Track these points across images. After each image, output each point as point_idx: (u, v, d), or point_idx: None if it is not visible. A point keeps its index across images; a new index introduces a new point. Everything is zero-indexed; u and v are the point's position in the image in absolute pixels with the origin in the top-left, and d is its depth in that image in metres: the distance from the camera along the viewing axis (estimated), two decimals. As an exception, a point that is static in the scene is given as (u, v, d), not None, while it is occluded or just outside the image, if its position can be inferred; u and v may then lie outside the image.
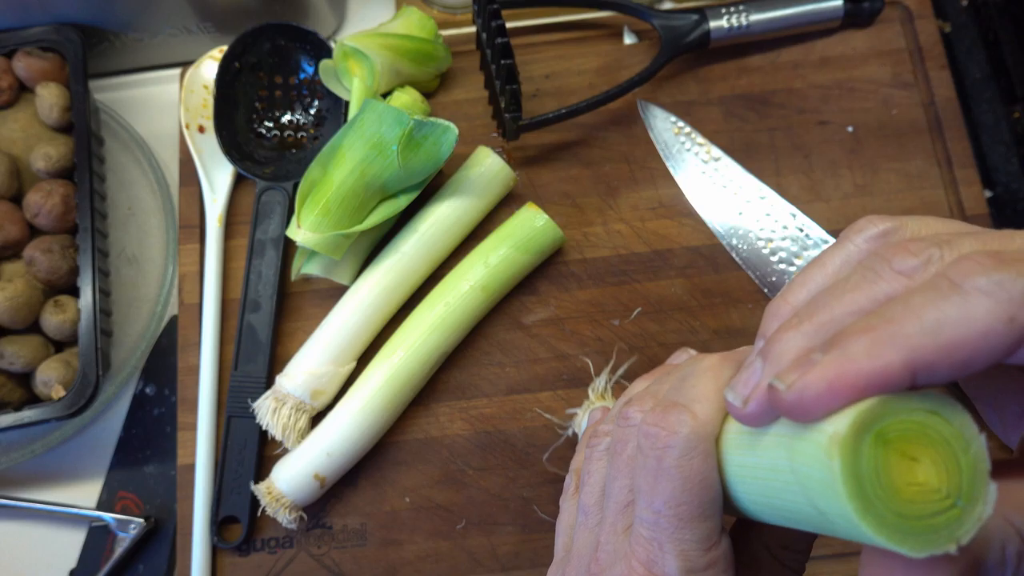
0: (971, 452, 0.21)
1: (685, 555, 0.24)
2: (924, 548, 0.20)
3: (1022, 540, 0.21)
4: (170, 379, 0.58)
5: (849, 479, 0.20)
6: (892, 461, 0.21)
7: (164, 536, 0.55)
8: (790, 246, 0.56)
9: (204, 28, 0.62)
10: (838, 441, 0.20)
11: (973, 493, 0.21)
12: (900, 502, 0.20)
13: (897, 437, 0.21)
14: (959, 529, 0.20)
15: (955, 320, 0.19)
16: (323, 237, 0.51)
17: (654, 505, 0.25)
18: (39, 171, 0.57)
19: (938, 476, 0.21)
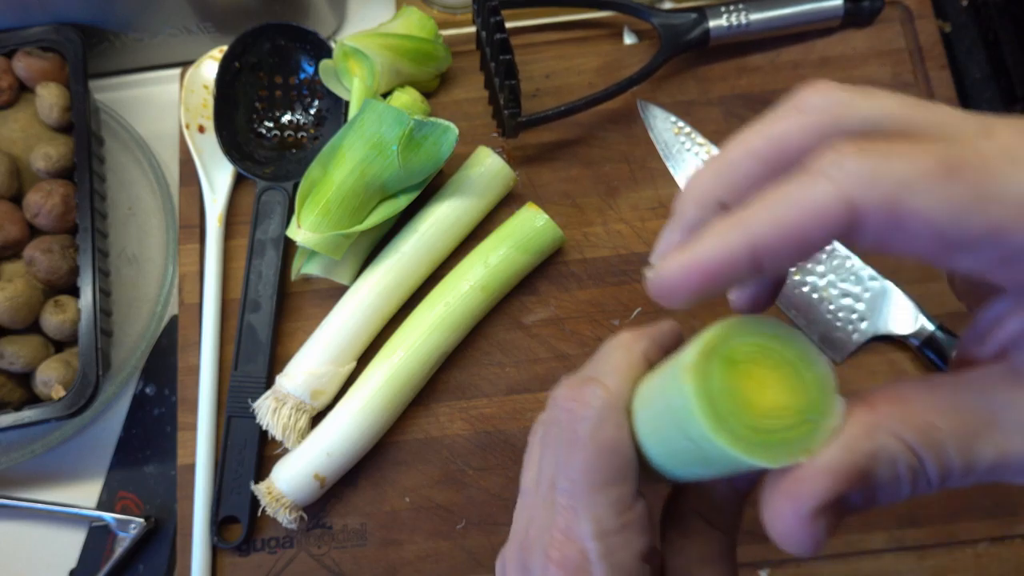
0: (815, 371, 0.23)
1: (598, 519, 0.25)
2: (779, 459, 0.22)
3: (914, 455, 0.21)
4: (170, 379, 0.58)
5: (701, 399, 0.22)
6: (742, 382, 0.22)
7: (164, 536, 0.55)
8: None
9: (204, 28, 0.63)
10: (689, 367, 0.22)
11: (822, 408, 0.22)
12: (753, 418, 0.22)
13: (745, 359, 0.23)
14: (812, 441, 0.22)
15: (794, 202, 0.20)
16: (323, 237, 0.51)
17: (570, 474, 0.26)
18: (39, 171, 0.57)
19: (786, 394, 0.22)
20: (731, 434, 0.22)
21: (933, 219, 0.19)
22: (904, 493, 0.22)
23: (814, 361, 0.23)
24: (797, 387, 0.22)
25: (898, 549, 0.50)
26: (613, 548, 0.25)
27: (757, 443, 0.22)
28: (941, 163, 0.19)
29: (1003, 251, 0.19)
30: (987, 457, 0.21)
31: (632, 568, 0.26)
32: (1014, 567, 0.50)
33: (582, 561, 0.26)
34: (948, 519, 0.50)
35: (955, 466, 0.21)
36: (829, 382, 0.22)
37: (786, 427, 0.22)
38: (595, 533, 0.25)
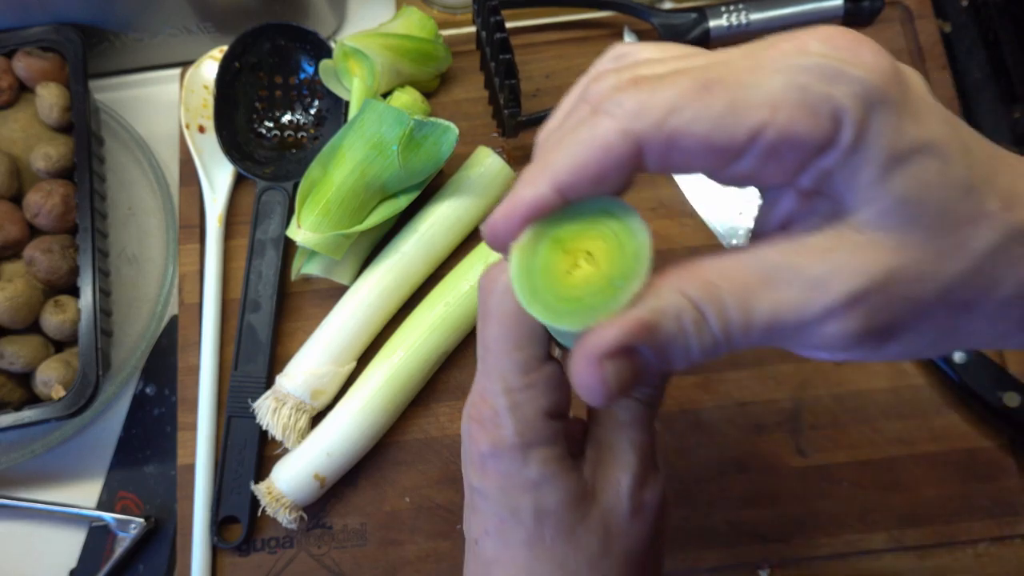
0: (636, 241, 0.24)
1: (505, 378, 0.28)
2: (581, 322, 0.23)
3: (695, 309, 0.23)
4: (170, 379, 0.58)
5: (521, 274, 0.24)
6: (562, 258, 0.24)
7: (164, 536, 0.55)
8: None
9: (204, 28, 0.62)
10: (516, 248, 0.25)
11: (630, 275, 0.24)
12: (566, 289, 0.24)
13: (570, 236, 0.24)
14: (614, 304, 0.23)
15: (585, 141, 0.23)
16: (323, 237, 0.51)
17: (484, 342, 0.28)
18: (39, 171, 0.57)
19: (603, 264, 0.24)
20: (542, 305, 0.24)
21: (699, 132, 0.21)
22: (693, 349, 0.23)
23: (636, 232, 0.24)
24: (616, 257, 0.24)
25: (898, 549, 0.50)
26: (518, 403, 0.28)
27: (565, 311, 0.24)
28: (698, 82, 0.22)
29: (765, 148, 0.21)
30: (763, 310, 0.23)
31: (536, 423, 0.28)
32: (1014, 567, 0.50)
33: (493, 415, 0.28)
34: (948, 519, 0.50)
35: (735, 320, 0.23)
36: (645, 252, 0.24)
37: (593, 293, 0.24)
38: (503, 390, 0.28)
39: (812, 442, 0.52)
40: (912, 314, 0.23)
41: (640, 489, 0.30)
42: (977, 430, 0.52)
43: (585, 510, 0.29)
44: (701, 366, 0.54)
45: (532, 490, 0.29)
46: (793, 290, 0.22)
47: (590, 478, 0.30)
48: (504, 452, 0.28)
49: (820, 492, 0.51)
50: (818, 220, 0.23)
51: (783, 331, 0.23)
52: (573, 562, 0.29)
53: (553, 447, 0.29)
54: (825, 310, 0.22)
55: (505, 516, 0.29)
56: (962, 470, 0.51)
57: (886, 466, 0.51)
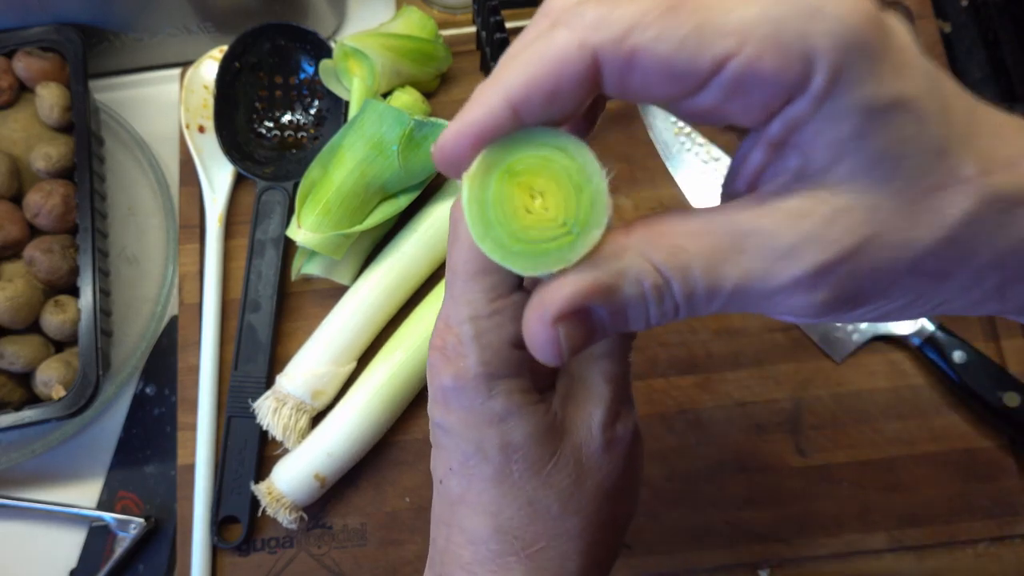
0: (592, 185, 0.23)
1: (471, 304, 0.26)
2: (534, 267, 0.23)
3: (658, 274, 0.22)
4: (170, 379, 0.58)
5: (472, 208, 0.23)
6: (516, 193, 0.23)
7: (164, 536, 0.55)
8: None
9: (204, 28, 0.62)
10: (468, 177, 0.23)
11: (588, 222, 0.23)
12: (520, 228, 0.23)
13: (524, 170, 0.23)
14: (570, 252, 0.22)
15: (539, 54, 0.21)
16: (323, 237, 0.51)
17: (453, 267, 0.27)
18: (39, 171, 0.57)
19: (557, 207, 0.23)
20: (494, 242, 0.23)
21: (660, 53, 0.20)
22: (652, 314, 0.23)
23: (592, 175, 0.23)
24: (570, 200, 0.23)
25: (898, 549, 0.50)
26: (484, 330, 0.26)
27: (517, 252, 0.23)
28: (664, 1, 0.20)
29: (728, 81, 0.20)
30: (730, 278, 0.22)
31: (502, 351, 0.27)
32: (1014, 567, 0.50)
33: (457, 344, 0.27)
34: (948, 519, 0.50)
35: (699, 287, 0.22)
36: (602, 198, 0.23)
37: (549, 238, 0.23)
38: (468, 317, 0.26)
39: (812, 442, 0.52)
40: (882, 283, 0.22)
41: (612, 423, 0.29)
42: (977, 430, 0.52)
43: (555, 445, 0.28)
44: (701, 366, 0.54)
45: (498, 424, 0.27)
46: (762, 258, 0.21)
47: (560, 412, 0.29)
48: (467, 384, 0.27)
49: (820, 492, 0.51)
50: (788, 178, 0.22)
51: (748, 299, 0.22)
52: (543, 498, 0.28)
53: (519, 379, 0.27)
54: (793, 280, 0.21)
55: (470, 452, 0.28)
56: (962, 470, 0.51)
57: (886, 466, 0.51)
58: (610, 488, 0.29)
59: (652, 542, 0.51)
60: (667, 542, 0.51)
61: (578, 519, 0.29)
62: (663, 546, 0.51)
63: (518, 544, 0.28)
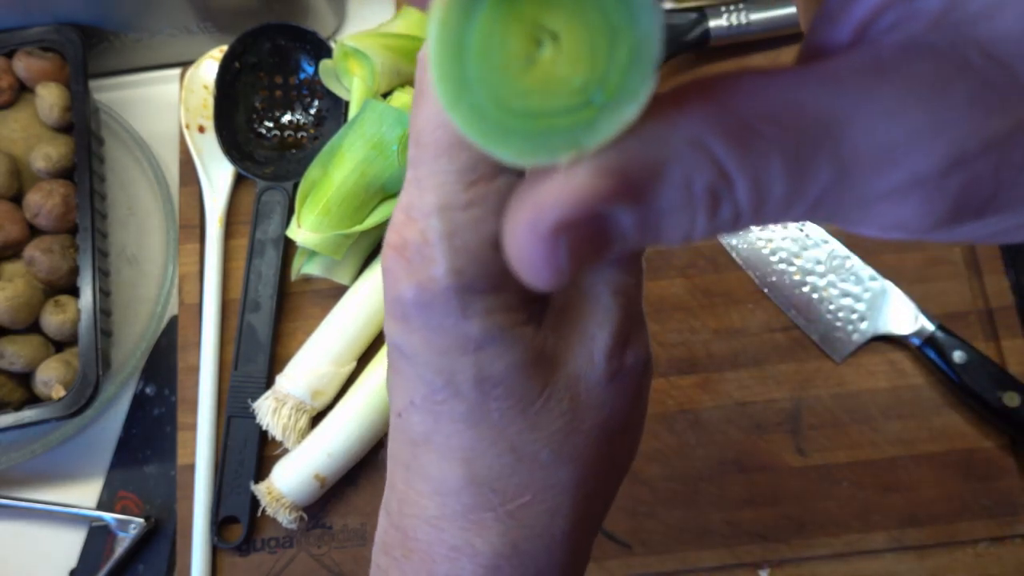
0: (636, 31, 0.14)
1: (442, 189, 0.20)
2: (530, 154, 0.15)
3: (719, 170, 0.15)
4: (170, 379, 0.58)
5: (443, 52, 0.14)
6: (515, 32, 0.14)
7: (164, 536, 0.55)
8: (790, 246, 0.56)
9: (204, 28, 0.62)
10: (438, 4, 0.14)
11: (622, 88, 0.15)
12: (513, 91, 0.15)
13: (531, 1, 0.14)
14: (588, 134, 0.15)
15: None
16: (323, 237, 0.51)
17: (417, 135, 0.20)
18: (39, 171, 0.57)
19: (576, 60, 0.15)
20: (471, 111, 0.15)
21: None
22: (699, 226, 0.16)
23: (638, 15, 0.14)
24: (599, 50, 0.14)
25: (898, 549, 0.50)
26: (457, 227, 0.20)
27: (507, 129, 0.15)
28: None
29: None
30: (823, 179, 0.15)
31: (481, 254, 0.20)
32: (1014, 567, 0.50)
33: (421, 243, 0.20)
34: (948, 519, 0.50)
35: (777, 189, 0.15)
36: (649, 53, 0.14)
37: (558, 110, 0.15)
38: (437, 206, 0.20)
39: (812, 442, 0.52)
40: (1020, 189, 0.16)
41: (621, 349, 0.22)
42: (977, 430, 0.52)
43: (546, 377, 0.22)
44: (701, 366, 0.54)
45: (473, 352, 0.21)
46: (873, 150, 0.15)
47: (553, 334, 0.22)
48: (435, 298, 0.20)
49: (820, 492, 0.51)
50: (924, 26, 0.15)
51: (841, 206, 0.16)
52: (530, 444, 0.22)
53: (502, 293, 0.21)
54: (914, 180, 0.15)
55: (438, 385, 0.21)
56: (962, 470, 0.51)
57: (886, 466, 0.51)
58: (614, 429, 0.23)
59: (652, 542, 0.51)
60: (667, 542, 0.51)
61: (573, 468, 0.23)
62: (663, 546, 0.51)
63: (497, 499, 0.23)
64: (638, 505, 0.52)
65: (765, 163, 0.15)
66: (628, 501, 0.52)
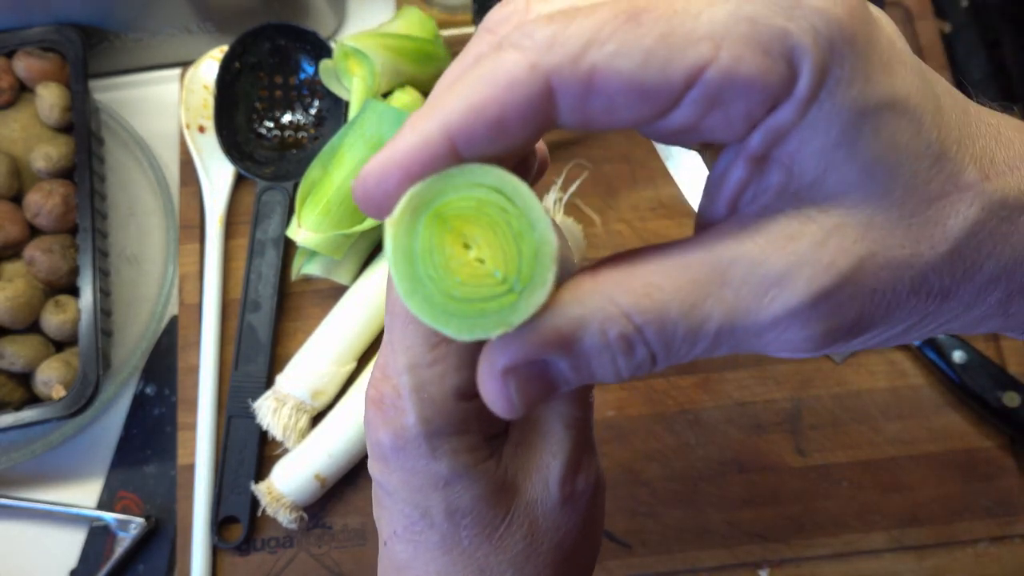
0: (535, 234, 0.19)
1: (410, 351, 0.23)
2: (470, 331, 0.19)
3: (628, 322, 0.19)
4: (170, 379, 0.58)
5: (398, 259, 0.19)
6: (448, 241, 0.20)
7: (164, 536, 0.55)
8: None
9: (204, 28, 0.63)
10: (392, 221, 0.19)
11: (532, 278, 0.19)
12: (452, 284, 0.19)
13: (456, 216, 0.20)
14: (512, 314, 0.19)
15: (483, 78, 0.18)
16: (324, 237, 0.51)
17: (389, 307, 0.24)
18: (39, 171, 0.57)
19: (494, 259, 0.19)
20: (424, 301, 0.19)
21: (624, 70, 0.17)
22: (622, 367, 0.20)
23: (535, 222, 0.19)
24: (509, 251, 0.19)
25: (898, 549, 0.50)
26: (423, 381, 0.23)
27: (452, 313, 0.19)
28: (622, 12, 0.18)
29: (706, 93, 0.18)
30: (714, 317, 0.19)
31: (445, 405, 0.24)
32: (1014, 567, 0.50)
33: (395, 397, 0.24)
34: (948, 519, 0.50)
35: (679, 331, 0.19)
36: (548, 250, 0.19)
37: (487, 296, 0.19)
38: (407, 366, 0.23)
39: (812, 442, 0.52)
40: (883, 307, 0.20)
41: (572, 475, 0.26)
42: (977, 430, 0.52)
43: (507, 504, 0.25)
44: (701, 366, 0.54)
45: (443, 488, 0.24)
46: (749, 290, 0.19)
47: (512, 464, 0.26)
48: (408, 444, 0.24)
49: (820, 492, 0.51)
50: (772, 197, 0.20)
51: (736, 339, 0.20)
52: (495, 564, 0.25)
53: (465, 435, 0.24)
54: (787, 312, 0.19)
55: (415, 517, 0.25)
56: (962, 470, 0.51)
57: (886, 466, 0.51)
58: (569, 547, 0.26)
59: (652, 542, 0.51)
60: (667, 542, 0.51)
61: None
62: (663, 546, 0.51)
63: None
64: (638, 505, 0.52)
65: (666, 312, 0.19)
66: (628, 501, 0.52)
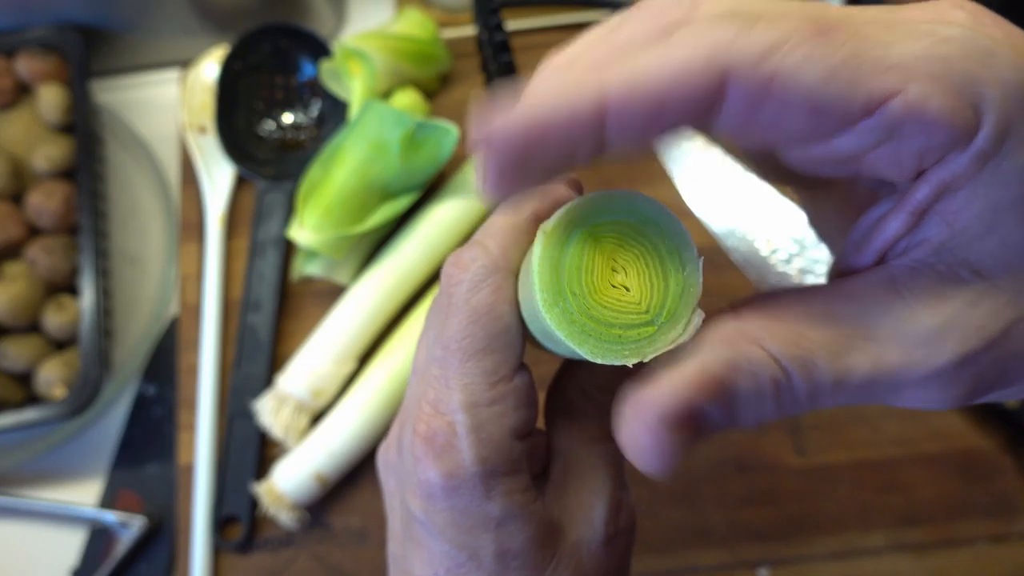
0: (684, 273, 0.20)
1: (468, 389, 0.23)
2: (605, 355, 0.20)
3: (779, 366, 0.19)
4: (171, 379, 0.58)
5: (544, 268, 0.20)
6: (599, 262, 0.20)
7: (165, 536, 0.55)
8: (790, 246, 0.56)
9: (204, 28, 0.63)
10: (546, 230, 0.20)
11: (675, 314, 0.20)
12: (595, 304, 0.20)
13: (611, 238, 0.20)
14: (649, 346, 0.20)
15: (656, 59, 0.17)
16: (324, 237, 0.51)
17: (444, 341, 0.23)
18: (40, 171, 0.57)
19: (641, 289, 0.20)
20: (563, 314, 0.20)
21: (807, 81, 0.17)
22: (768, 410, 0.20)
23: (686, 262, 0.20)
24: (656, 284, 0.20)
25: (898, 549, 0.50)
26: (483, 421, 0.23)
27: (588, 332, 0.20)
28: (813, 24, 0.17)
29: (885, 124, 0.17)
30: (860, 369, 0.19)
31: (503, 444, 0.23)
32: (1013, 567, 0.50)
33: (449, 435, 0.23)
34: (948, 519, 0.50)
35: (825, 380, 0.19)
36: (692, 290, 0.20)
37: (627, 324, 0.20)
38: (464, 404, 0.23)
39: (812, 442, 0.52)
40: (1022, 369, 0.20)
41: (616, 515, 0.26)
42: (976, 430, 0.52)
43: (554, 546, 0.25)
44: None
45: (495, 529, 0.24)
46: (897, 347, 0.19)
47: (556, 504, 0.26)
48: (462, 484, 0.23)
49: (819, 492, 0.51)
50: (926, 252, 0.19)
51: (876, 392, 0.19)
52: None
53: (519, 475, 0.24)
54: (933, 372, 0.19)
55: (462, 559, 0.24)
56: (961, 470, 0.51)
57: (885, 466, 0.52)
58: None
59: (652, 541, 0.51)
60: (667, 541, 0.51)
61: None
62: (663, 545, 0.51)
63: None
64: (638, 505, 0.51)
65: (812, 360, 0.19)
66: (628, 501, 0.52)
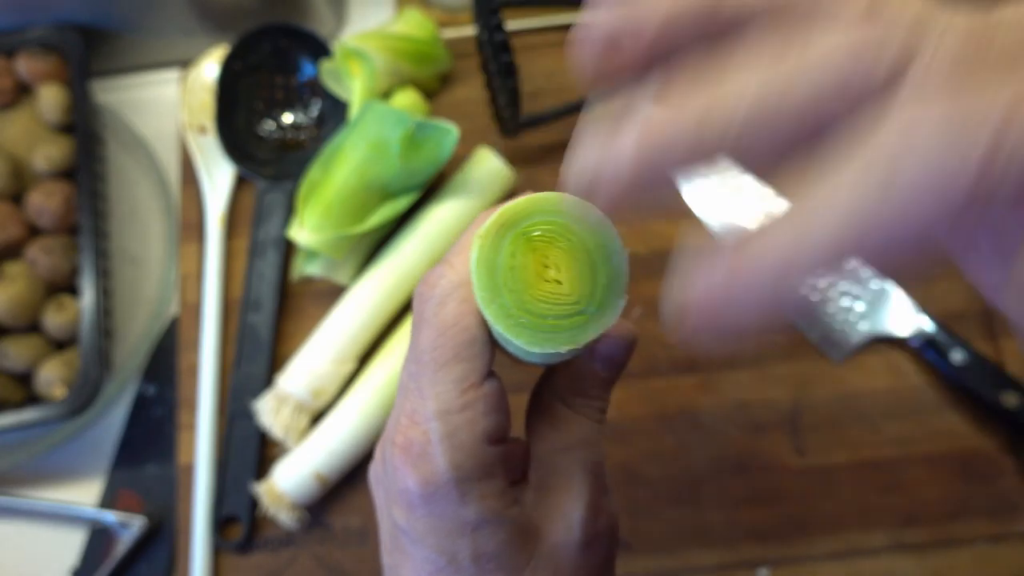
0: (610, 265, 0.22)
1: (440, 397, 0.24)
2: (540, 344, 0.21)
3: None
4: (171, 379, 0.58)
5: (481, 269, 0.22)
6: (531, 259, 0.22)
7: (165, 536, 0.55)
8: (790, 246, 0.56)
9: (204, 28, 0.63)
10: (481, 233, 0.22)
11: (604, 303, 0.22)
12: (529, 299, 0.22)
13: (540, 237, 0.22)
14: (581, 334, 0.21)
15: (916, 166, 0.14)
16: (324, 238, 0.51)
17: (416, 355, 0.25)
18: (40, 171, 0.57)
19: (571, 282, 0.22)
20: (500, 309, 0.22)
21: None
22: None
23: (611, 254, 0.22)
24: (585, 277, 0.22)
25: (898, 549, 0.50)
26: (455, 428, 0.24)
27: (523, 325, 0.21)
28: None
29: None
30: None
31: (474, 450, 0.24)
32: (1014, 567, 0.50)
33: (424, 443, 0.24)
34: (947, 519, 0.50)
35: None
36: (619, 280, 0.22)
37: (560, 315, 0.21)
38: (437, 412, 0.24)
39: (811, 442, 0.52)
40: None
41: (594, 519, 0.27)
42: (976, 430, 0.52)
43: (531, 548, 0.26)
44: (701, 366, 0.54)
45: (470, 533, 0.25)
46: None
47: (534, 508, 0.27)
48: (438, 491, 0.24)
49: (819, 492, 0.51)
50: None
51: None
52: None
53: (493, 480, 0.25)
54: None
55: (441, 564, 0.25)
56: (961, 470, 0.51)
57: (885, 466, 0.52)
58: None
59: (652, 542, 0.51)
60: (667, 541, 0.51)
61: None
62: (663, 545, 0.51)
63: None
64: (638, 505, 0.52)
65: None
66: (628, 501, 0.52)
